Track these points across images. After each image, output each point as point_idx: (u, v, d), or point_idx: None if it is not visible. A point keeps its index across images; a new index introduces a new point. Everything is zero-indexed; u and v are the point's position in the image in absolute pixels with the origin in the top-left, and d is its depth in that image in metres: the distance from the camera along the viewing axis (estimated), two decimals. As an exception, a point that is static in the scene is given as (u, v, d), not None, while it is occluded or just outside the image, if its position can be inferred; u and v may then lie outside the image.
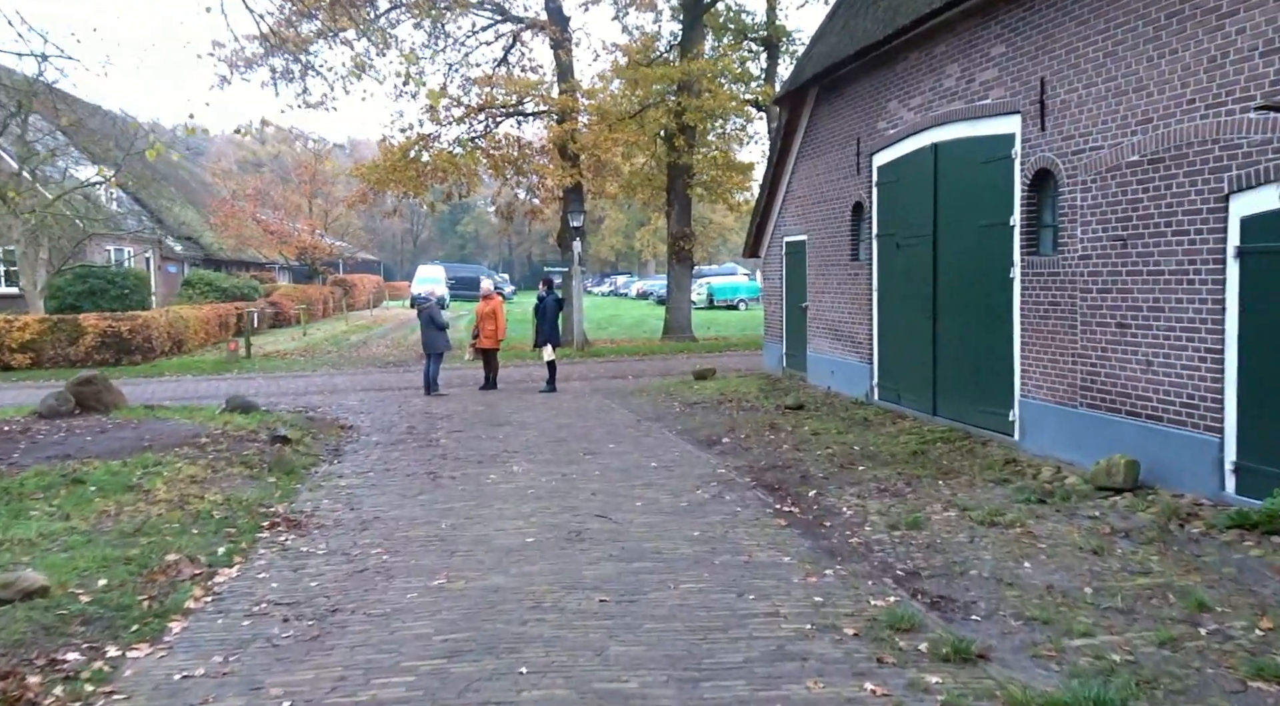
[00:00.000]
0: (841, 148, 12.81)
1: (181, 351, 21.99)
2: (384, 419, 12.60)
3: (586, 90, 23.01)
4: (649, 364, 20.13)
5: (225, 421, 10.96)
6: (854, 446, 9.55)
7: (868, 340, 12.19)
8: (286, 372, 19.06)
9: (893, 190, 11.46)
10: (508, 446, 10.22)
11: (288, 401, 14.64)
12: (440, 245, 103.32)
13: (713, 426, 11.27)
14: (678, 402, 13.51)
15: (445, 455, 9.71)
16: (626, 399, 14.29)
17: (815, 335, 14.04)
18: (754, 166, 25.80)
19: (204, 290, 31.94)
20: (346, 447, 10.31)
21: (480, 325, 15.64)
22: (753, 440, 10.26)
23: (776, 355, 15.73)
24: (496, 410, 13.24)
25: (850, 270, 12.68)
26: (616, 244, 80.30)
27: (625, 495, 7.76)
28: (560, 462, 9.23)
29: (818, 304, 13.89)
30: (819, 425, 10.88)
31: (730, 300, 48.69)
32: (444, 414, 12.92)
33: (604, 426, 11.60)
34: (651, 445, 10.21)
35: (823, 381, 13.69)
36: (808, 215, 14.21)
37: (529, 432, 11.16)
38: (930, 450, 9.16)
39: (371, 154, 27.79)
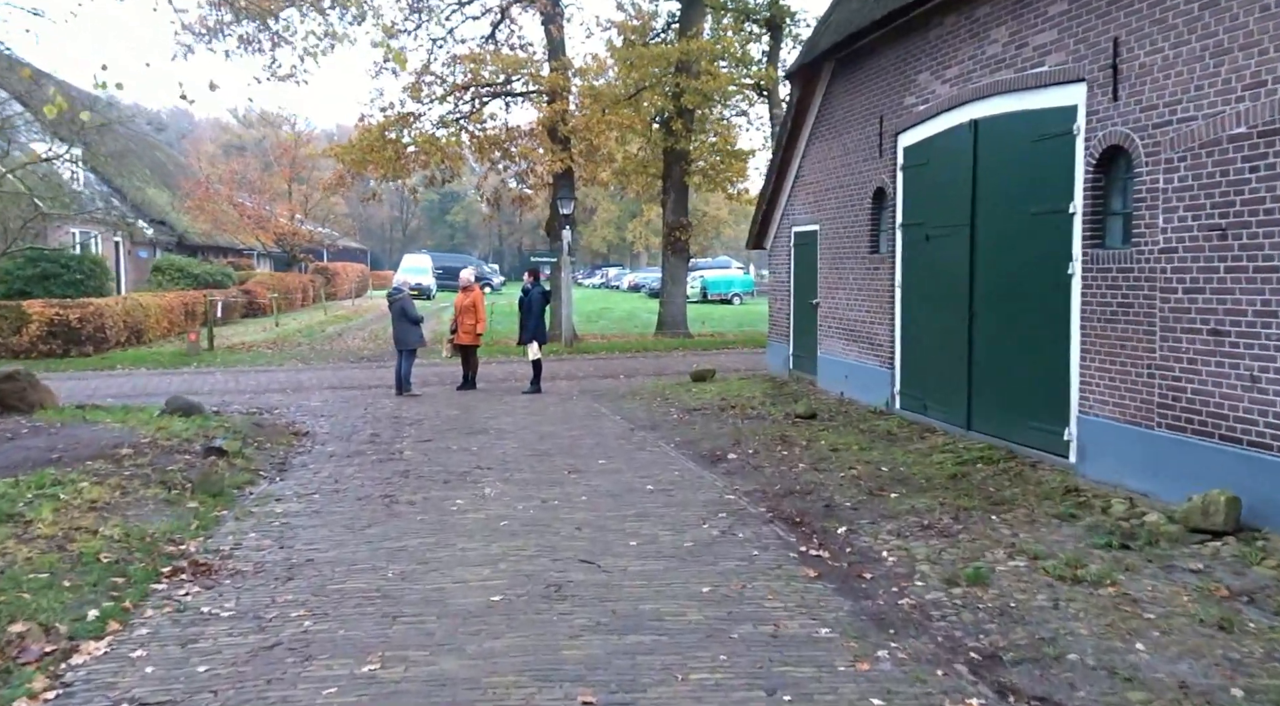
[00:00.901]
0: (861, 127, 11.50)
1: (140, 342, 20.54)
2: (346, 423, 11.23)
3: (579, 69, 21.60)
4: (642, 362, 18.81)
5: (159, 427, 9.59)
6: (881, 467, 8.25)
7: (889, 342, 10.90)
8: (250, 367, 17.64)
9: (921, 174, 10.15)
10: (481, 461, 8.88)
11: (243, 401, 13.26)
12: (430, 234, 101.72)
13: (716, 438, 9.96)
14: (675, 408, 12.19)
15: (408, 471, 8.37)
16: (618, 402, 12.96)
17: (827, 335, 12.74)
18: (754, 153, 24.46)
19: (174, 276, 30.45)
20: (295, 460, 8.94)
21: (459, 319, 14.28)
22: (763, 456, 8.96)
23: (782, 356, 14.44)
24: (473, 414, 11.89)
25: (869, 264, 11.38)
26: (608, 235, 78.97)
27: (616, 530, 6.44)
28: (541, 484, 7.90)
29: (831, 301, 12.59)
30: (836, 439, 9.58)
31: (724, 294, 47.44)
32: (414, 418, 11.57)
33: (592, 436, 10.28)
34: (647, 461, 8.89)
35: (835, 386, 12.40)
36: (820, 203, 12.89)
37: (507, 443, 9.82)
38: (971, 473, 7.88)
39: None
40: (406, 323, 13.70)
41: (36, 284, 20.42)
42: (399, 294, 13.93)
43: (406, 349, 13.72)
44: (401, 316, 13.70)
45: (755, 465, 8.59)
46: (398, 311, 13.73)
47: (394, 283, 14.14)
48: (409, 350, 13.75)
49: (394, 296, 13.91)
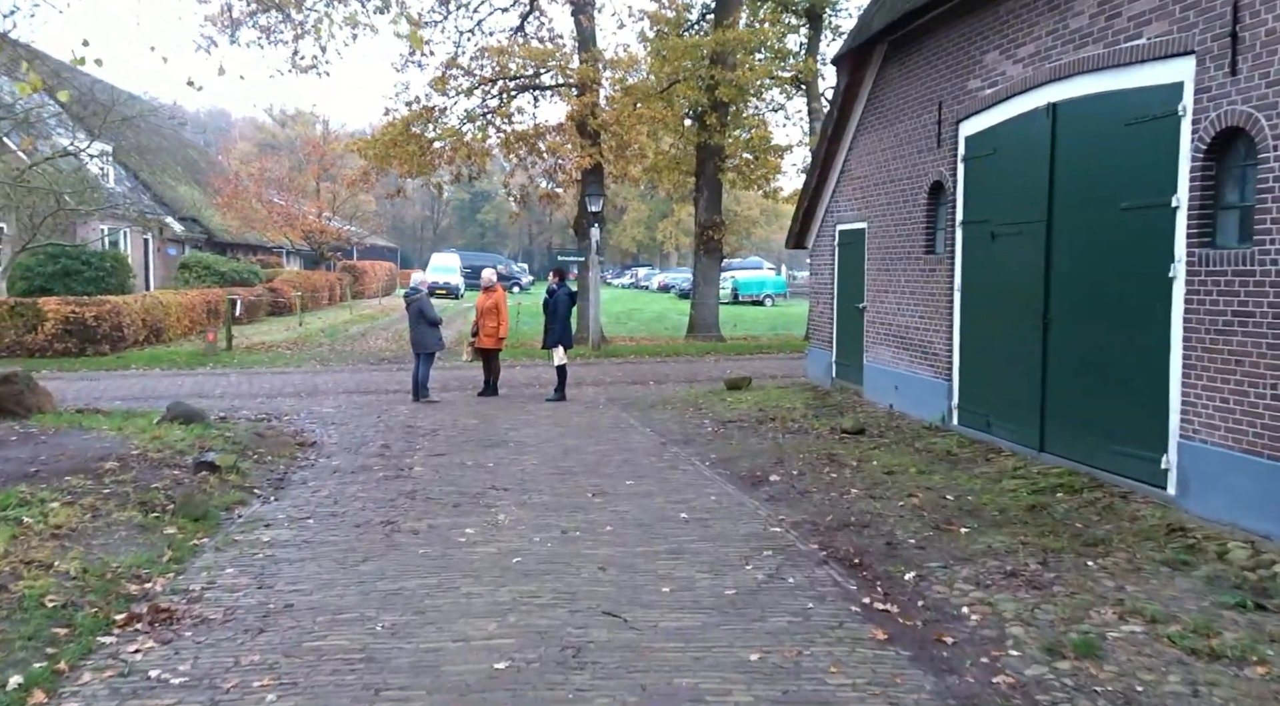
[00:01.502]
0: (916, 116, 10.52)
1: (160, 341, 20.03)
2: (356, 433, 10.47)
3: (610, 60, 20.75)
4: (673, 367, 17.92)
5: (153, 436, 8.88)
6: (945, 494, 7.30)
7: (946, 351, 9.91)
8: (267, 368, 17.01)
9: (987, 165, 9.16)
10: (496, 480, 8.05)
11: (253, 406, 12.57)
12: (460, 233, 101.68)
13: (755, 456, 9.05)
14: (709, 420, 11.30)
15: (415, 492, 7.55)
16: (648, 412, 12.09)
17: (875, 342, 11.77)
18: (791, 149, 23.47)
19: (201, 274, 30.14)
20: (295, 476, 8.17)
21: (480, 321, 13.49)
22: (809, 478, 8.04)
23: (824, 363, 13.47)
24: (492, 424, 11.08)
25: (924, 265, 10.40)
26: (638, 235, 78.12)
27: (646, 570, 5.57)
28: (562, 509, 7.05)
29: (879, 305, 11.62)
30: (890, 459, 8.63)
31: (756, 295, 46.43)
32: (429, 428, 10.78)
33: (620, 451, 9.42)
34: (680, 482, 8.01)
35: (883, 398, 11.43)
36: (868, 199, 11.92)
37: (527, 459, 8.98)
38: (1051, 504, 6.90)
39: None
40: (425, 324, 12.94)
41: (57, 280, 20.00)
42: (416, 294, 13.17)
43: (424, 353, 12.96)
44: (419, 318, 12.94)
45: (801, 490, 7.67)
46: (415, 312, 12.97)
47: (412, 281, 13.37)
48: (427, 354, 12.98)
49: (411, 297, 13.15)
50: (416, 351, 13.03)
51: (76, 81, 22.44)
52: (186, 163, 43.52)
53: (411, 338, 13.11)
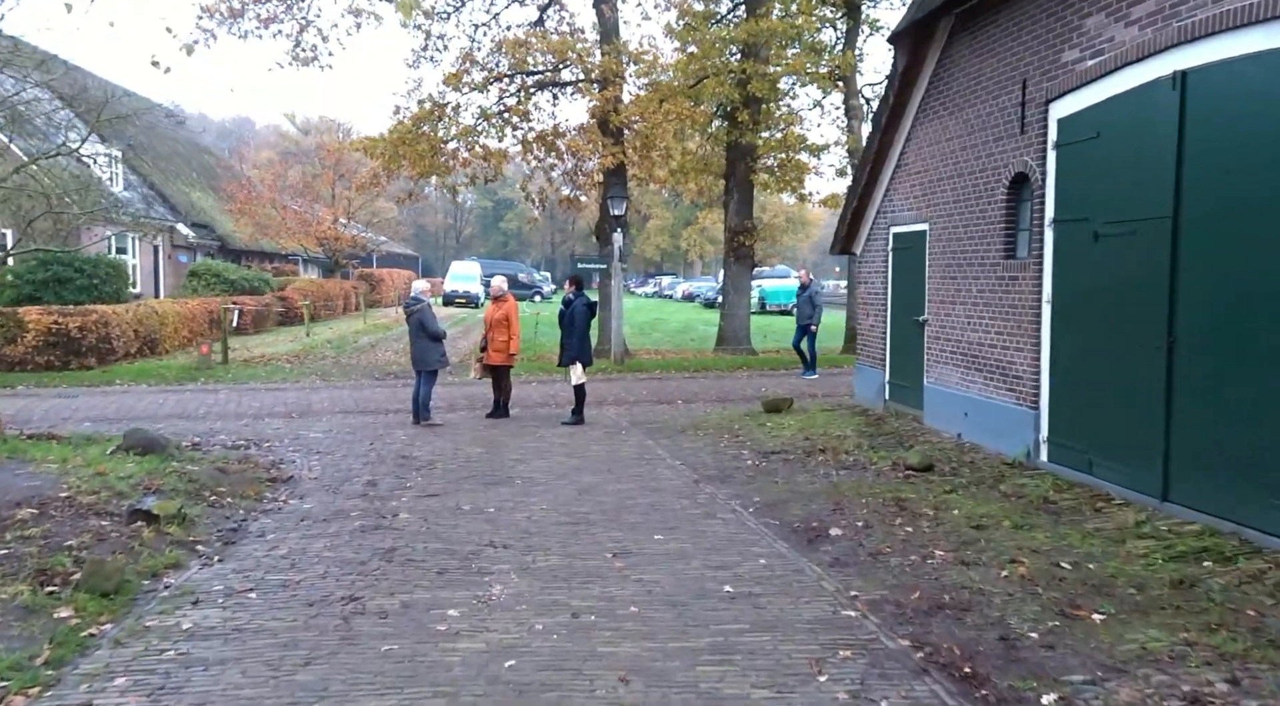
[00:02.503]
0: (992, 97, 9.01)
1: (154, 353, 18.84)
2: (342, 465, 9.09)
3: (634, 53, 19.37)
4: (701, 383, 16.43)
5: (97, 472, 7.54)
6: (1059, 560, 5.76)
7: (1031, 374, 8.37)
8: (262, 384, 15.73)
9: (1088, 152, 7.63)
10: (497, 532, 6.61)
11: (236, 429, 11.25)
12: (483, 242, 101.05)
13: (807, 499, 7.55)
14: (748, 450, 9.81)
15: (394, 551, 6.13)
16: (676, 439, 10.62)
17: (939, 361, 10.24)
18: (828, 148, 21.95)
19: (210, 282, 29.11)
20: (253, 526, 6.78)
21: (489, 335, 12.10)
22: (878, 532, 6.53)
23: (875, 384, 11.94)
24: (499, 454, 9.66)
25: (1003, 272, 8.87)
26: (662, 242, 76.85)
27: (684, 684, 4.10)
28: (573, 578, 5.60)
29: (944, 318, 10.09)
30: (974, 506, 7.10)
31: (784, 305, 44.76)
32: (426, 459, 9.38)
33: (646, 491, 7.96)
34: (720, 537, 6.53)
35: (949, 425, 9.89)
36: (930, 197, 10.41)
37: (535, 502, 7.54)
38: (1201, 578, 5.34)
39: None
40: (426, 339, 11.56)
41: (47, 289, 18.90)
42: (418, 304, 11.77)
43: (426, 370, 11.57)
44: (420, 331, 11.55)
45: (872, 550, 6.17)
46: (415, 325, 11.59)
47: (413, 290, 11.95)
48: (429, 372, 11.60)
49: (412, 308, 11.75)
50: (417, 368, 11.64)
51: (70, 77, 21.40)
52: (203, 169, 42.77)
53: (411, 353, 11.72)
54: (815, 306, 17.09)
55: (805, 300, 17.25)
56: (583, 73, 19.78)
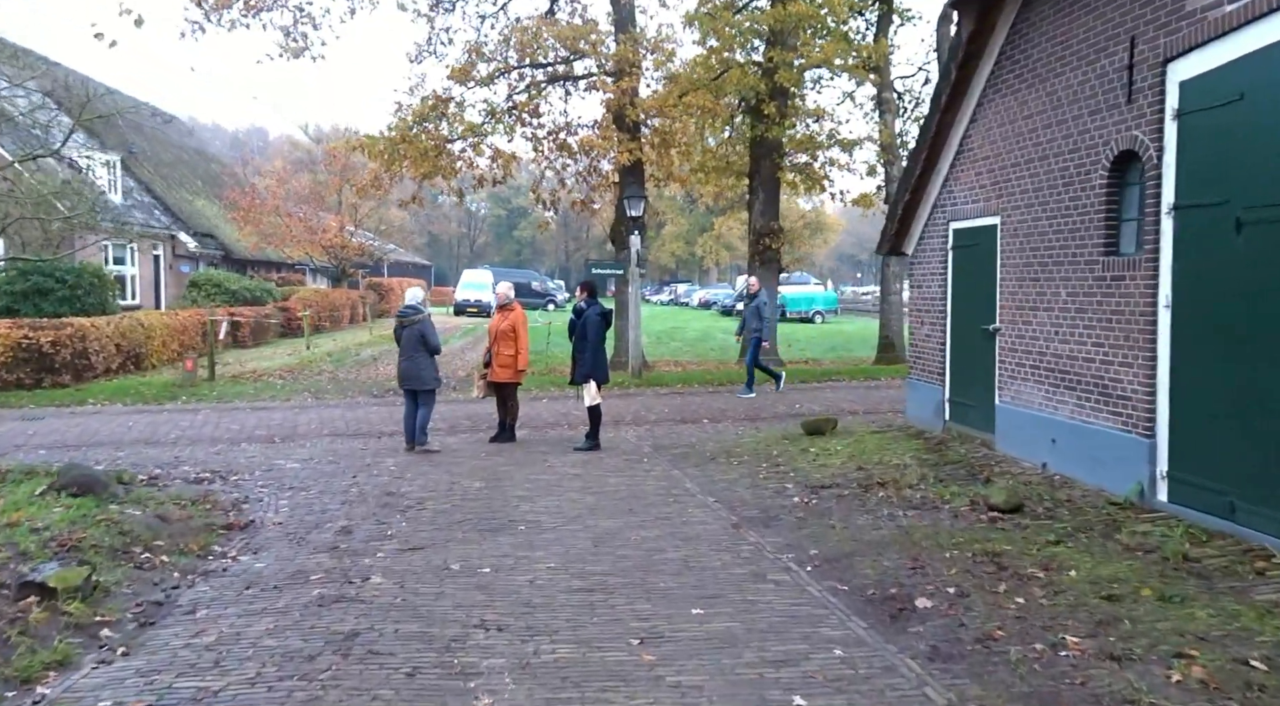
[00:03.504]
0: (1087, 63, 7.54)
1: (139, 368, 17.58)
2: (316, 504, 7.70)
3: (652, 41, 18.00)
4: (727, 399, 14.98)
5: (7, 523, 6.17)
6: (1242, 654, 4.27)
7: (1144, 394, 6.87)
8: (248, 402, 14.40)
9: (1224, 119, 6.16)
10: (491, 604, 5.19)
11: (205, 457, 9.90)
12: (496, 250, 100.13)
13: (877, 552, 6.09)
14: (792, 483, 8.35)
15: (355, 637, 4.71)
16: (706, 469, 9.18)
17: (1016, 377, 8.74)
18: (860, 144, 20.47)
19: (210, 292, 28.03)
20: (185, 597, 5.37)
21: (494, 348, 10.70)
22: (979, 603, 5.07)
23: (932, 402, 10.44)
24: (501, 490, 8.24)
25: (1102, 271, 7.38)
26: (677, 249, 75.53)
27: None
28: (588, 680, 4.16)
29: (1022, 327, 8.60)
30: (1093, 566, 5.61)
31: (805, 312, 43.35)
32: (415, 496, 7.97)
33: (676, 541, 6.52)
34: (777, 612, 5.08)
35: (1029, 452, 8.39)
36: (1002, 185, 8.94)
37: (541, 558, 6.11)
38: None
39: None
40: (425, 354, 10.15)
41: (26, 300, 17.70)
42: (417, 315, 10.26)
43: (424, 390, 10.13)
44: (420, 345, 10.12)
45: (979, 633, 4.70)
46: (415, 338, 10.07)
47: (407, 298, 10.49)
48: (427, 392, 10.17)
49: (411, 317, 10.22)
50: (411, 388, 10.15)
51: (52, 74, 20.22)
52: (208, 177, 41.81)
53: (404, 371, 10.14)
54: (763, 318, 15.32)
55: (753, 311, 15.32)
56: (596, 65, 18.45)
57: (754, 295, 15.55)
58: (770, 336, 15.36)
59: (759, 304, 15.30)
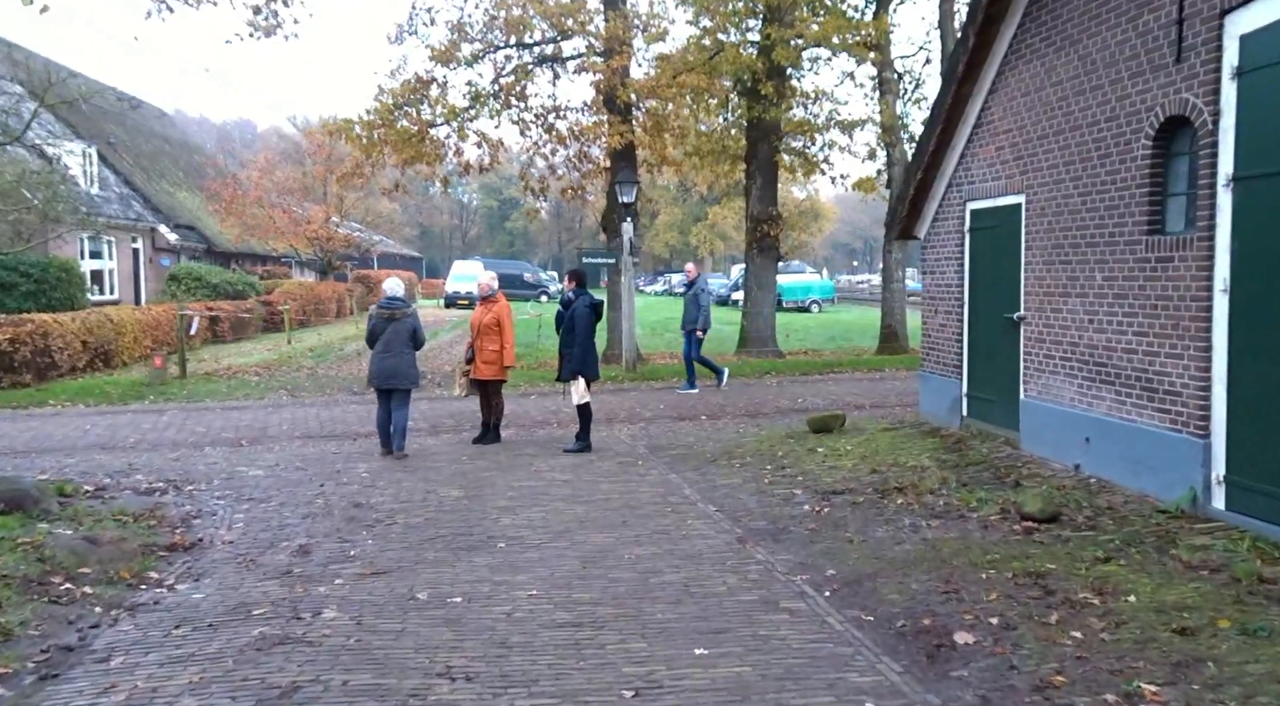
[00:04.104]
0: (1127, 19, 6.78)
1: (109, 366, 16.76)
2: (274, 519, 6.94)
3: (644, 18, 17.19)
4: (727, 393, 14.24)
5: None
6: (1357, 708, 3.55)
7: (1197, 388, 6.14)
8: (219, 401, 13.61)
9: (1293, 79, 5.41)
10: (461, 645, 4.44)
11: (162, 464, 9.12)
12: (488, 242, 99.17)
13: (902, 572, 5.36)
14: (801, 489, 7.61)
15: (295, 692, 3.95)
16: (706, 472, 8.44)
17: (1044, 369, 8.01)
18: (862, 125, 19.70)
19: (191, 286, 27.21)
20: (102, 640, 4.60)
21: (477, 343, 9.94)
22: (1028, 639, 4.34)
23: (948, 397, 9.71)
24: (481, 500, 7.48)
25: (1146, 252, 6.64)
26: (671, 239, 74.63)
27: None
28: (571, 752, 3.43)
29: (1051, 315, 7.87)
30: (1154, 589, 4.88)
31: (801, 302, 42.65)
32: (385, 509, 7.21)
33: (675, 560, 5.77)
34: (795, 651, 4.34)
35: (1059, 453, 7.66)
36: (1028, 160, 8.19)
37: (521, 583, 5.36)
38: None
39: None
40: (412, 350, 9.35)
41: (-13, 295, 16.87)
42: (405, 308, 9.36)
43: (401, 388, 9.34)
44: (409, 341, 9.28)
45: (1034, 678, 3.96)
46: (404, 333, 9.15)
47: (386, 290, 9.62)
48: (404, 391, 9.39)
49: (399, 308, 9.28)
50: (389, 387, 9.31)
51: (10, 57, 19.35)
52: (191, 168, 40.79)
53: (387, 368, 9.18)
54: (700, 307, 14.09)
55: (690, 299, 14.23)
56: (586, 45, 17.64)
57: (691, 283, 14.37)
58: (707, 324, 14.11)
59: (697, 292, 14.16)
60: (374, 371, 9.22)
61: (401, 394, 9.36)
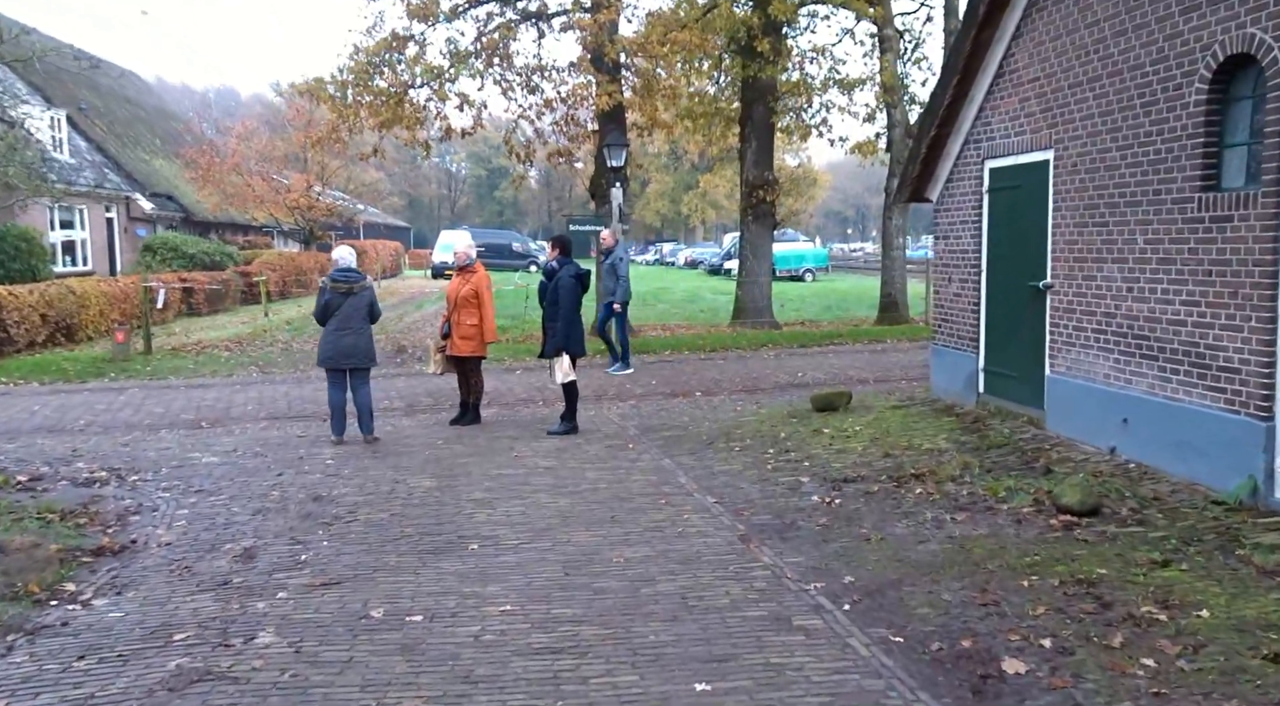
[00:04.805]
0: (1179, -52, 5.97)
1: (72, 341, 15.92)
2: (221, 515, 6.20)
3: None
4: (721, 367, 13.52)
5: None
6: None
7: (1259, 364, 5.44)
8: (184, 379, 12.82)
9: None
10: (417, 679, 3.72)
11: (110, 449, 8.36)
12: (478, 211, 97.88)
13: (930, 578, 4.68)
14: (808, 476, 6.91)
15: (209, 744, 3.26)
16: (703, 456, 7.73)
17: (1073, 342, 7.29)
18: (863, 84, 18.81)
19: (166, 256, 26.31)
20: (-8, 671, 3.89)
21: (454, 317, 9.16)
22: (1091, 668, 3.66)
23: (963, 372, 8.99)
24: (454, 492, 6.75)
25: (1199, 211, 5.90)
26: (662, 208, 73.62)
27: None
28: None
29: (1083, 282, 7.13)
30: (1228, 600, 4.21)
31: (795, 270, 41.81)
32: (347, 503, 6.48)
33: (670, 564, 5.06)
34: (813, 683, 3.64)
35: (1091, 434, 6.97)
36: (1057, 111, 7.40)
37: (494, 595, 4.64)
38: None
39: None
40: (369, 326, 8.58)
41: (-58, 267, 15.96)
42: (361, 281, 8.60)
43: (361, 367, 8.56)
44: (367, 316, 8.51)
45: (1109, 722, 3.28)
46: (362, 308, 8.40)
47: (339, 261, 8.68)
48: (364, 369, 8.61)
49: (356, 282, 8.54)
50: (351, 366, 8.51)
51: None
52: (168, 136, 39.49)
53: (344, 347, 8.33)
54: (619, 277, 12.52)
55: (607, 270, 12.68)
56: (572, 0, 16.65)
57: (608, 251, 12.77)
58: (626, 296, 12.63)
59: (614, 261, 12.58)
60: (328, 350, 8.38)
61: (362, 372, 8.56)
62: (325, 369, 8.52)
